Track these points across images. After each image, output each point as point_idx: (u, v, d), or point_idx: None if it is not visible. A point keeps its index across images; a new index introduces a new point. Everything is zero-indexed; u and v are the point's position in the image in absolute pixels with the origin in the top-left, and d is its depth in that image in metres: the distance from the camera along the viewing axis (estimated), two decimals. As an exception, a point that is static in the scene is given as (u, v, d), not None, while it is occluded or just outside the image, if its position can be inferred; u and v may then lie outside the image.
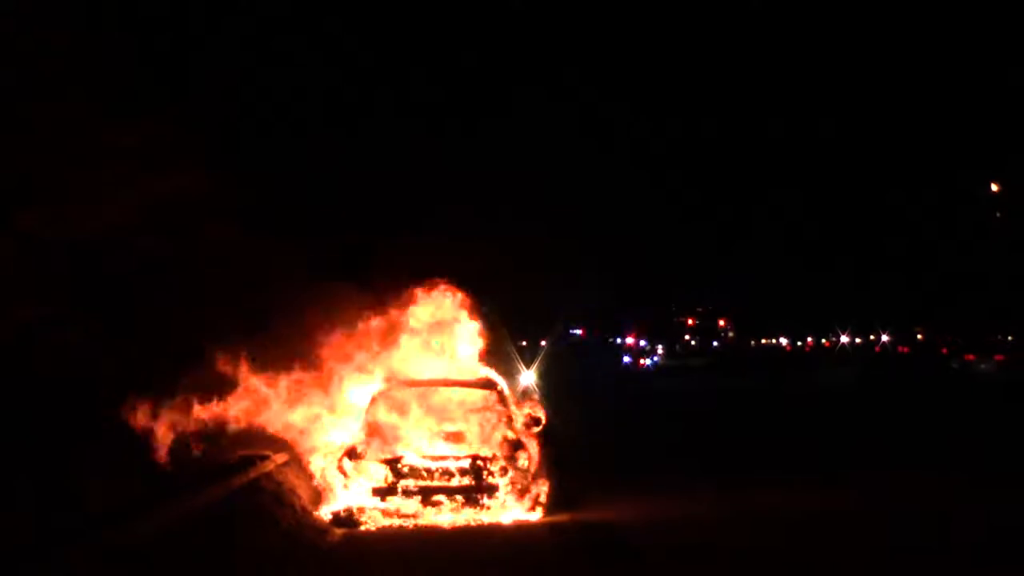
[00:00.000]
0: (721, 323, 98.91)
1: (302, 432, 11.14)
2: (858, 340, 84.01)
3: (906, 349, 67.98)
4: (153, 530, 6.70)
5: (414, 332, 12.07)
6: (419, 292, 12.10)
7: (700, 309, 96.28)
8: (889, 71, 75.54)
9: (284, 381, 11.23)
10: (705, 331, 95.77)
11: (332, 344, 11.75)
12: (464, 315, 12.19)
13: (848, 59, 77.56)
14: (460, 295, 12.18)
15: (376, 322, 11.99)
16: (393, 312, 12.04)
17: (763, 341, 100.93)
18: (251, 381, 11.04)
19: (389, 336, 11.99)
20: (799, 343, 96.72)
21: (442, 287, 12.16)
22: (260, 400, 11.03)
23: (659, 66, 72.99)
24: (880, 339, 79.47)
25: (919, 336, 74.49)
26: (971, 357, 49.87)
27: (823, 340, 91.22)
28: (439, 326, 12.13)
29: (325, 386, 11.46)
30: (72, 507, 6.71)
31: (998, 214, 56.74)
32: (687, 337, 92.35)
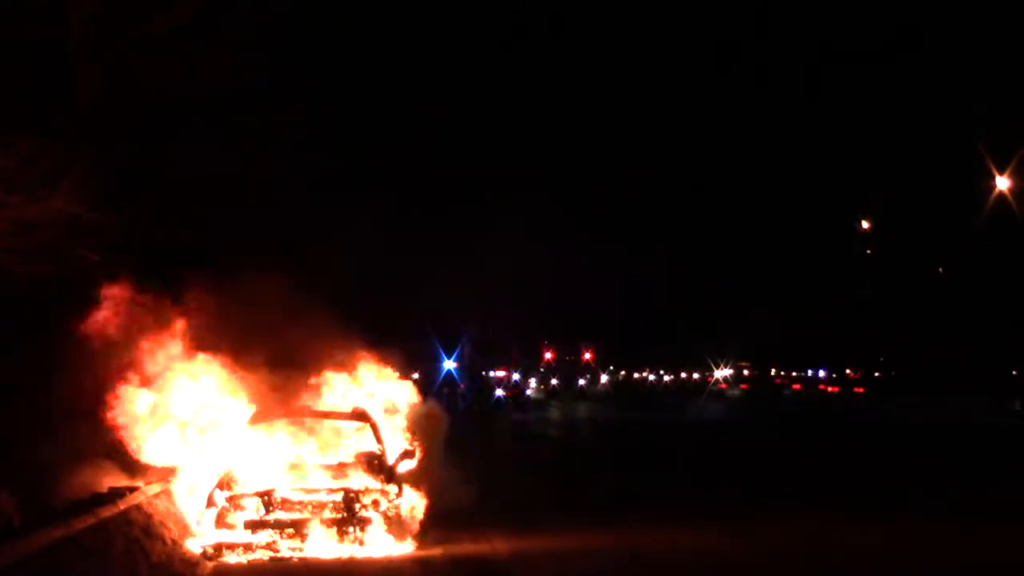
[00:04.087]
0: (587, 356, 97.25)
1: (174, 462, 10.95)
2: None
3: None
4: (16, 561, 6.56)
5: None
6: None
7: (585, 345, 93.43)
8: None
9: (157, 409, 11.01)
10: (566, 365, 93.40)
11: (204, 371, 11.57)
12: None
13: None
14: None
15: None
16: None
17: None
18: (124, 406, 10.83)
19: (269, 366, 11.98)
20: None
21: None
22: (133, 426, 10.82)
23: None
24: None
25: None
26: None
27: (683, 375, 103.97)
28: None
29: (198, 415, 11.28)
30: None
31: (868, 251, 60.47)
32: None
